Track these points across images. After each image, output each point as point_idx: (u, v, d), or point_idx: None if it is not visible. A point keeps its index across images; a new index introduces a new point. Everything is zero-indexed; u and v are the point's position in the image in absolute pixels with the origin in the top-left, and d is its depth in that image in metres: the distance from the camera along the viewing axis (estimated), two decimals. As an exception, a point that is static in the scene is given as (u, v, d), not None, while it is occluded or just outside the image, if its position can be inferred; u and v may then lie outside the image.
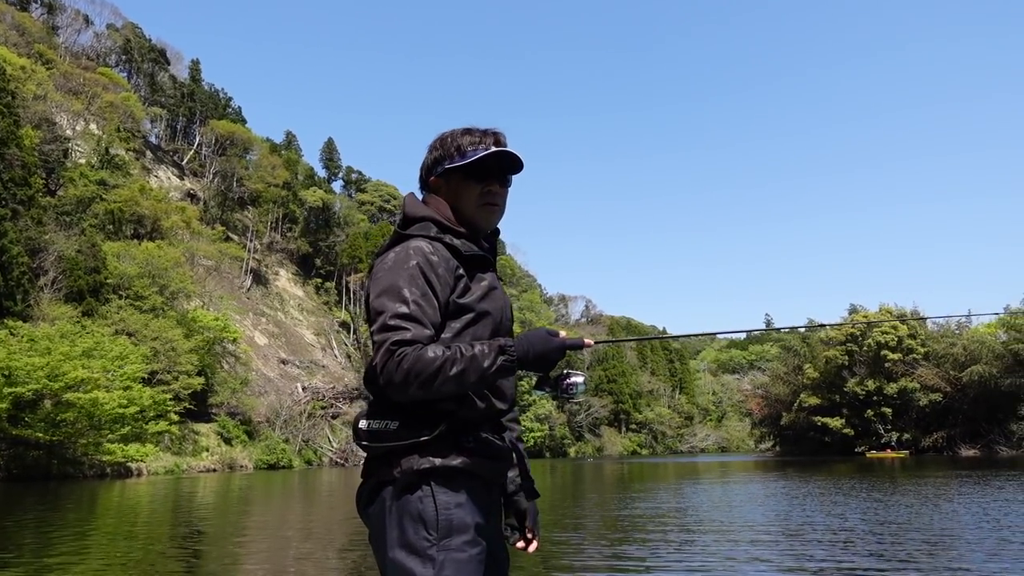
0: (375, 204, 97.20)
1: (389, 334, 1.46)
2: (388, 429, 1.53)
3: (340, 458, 47.87)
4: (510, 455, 1.67)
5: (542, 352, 1.49)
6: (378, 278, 1.58)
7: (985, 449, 38.04)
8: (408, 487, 1.50)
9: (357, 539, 8.65)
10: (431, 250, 1.58)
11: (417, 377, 1.41)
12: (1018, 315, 39.68)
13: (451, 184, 1.71)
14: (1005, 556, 6.27)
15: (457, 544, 1.46)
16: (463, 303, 1.59)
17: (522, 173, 1.78)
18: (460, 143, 1.70)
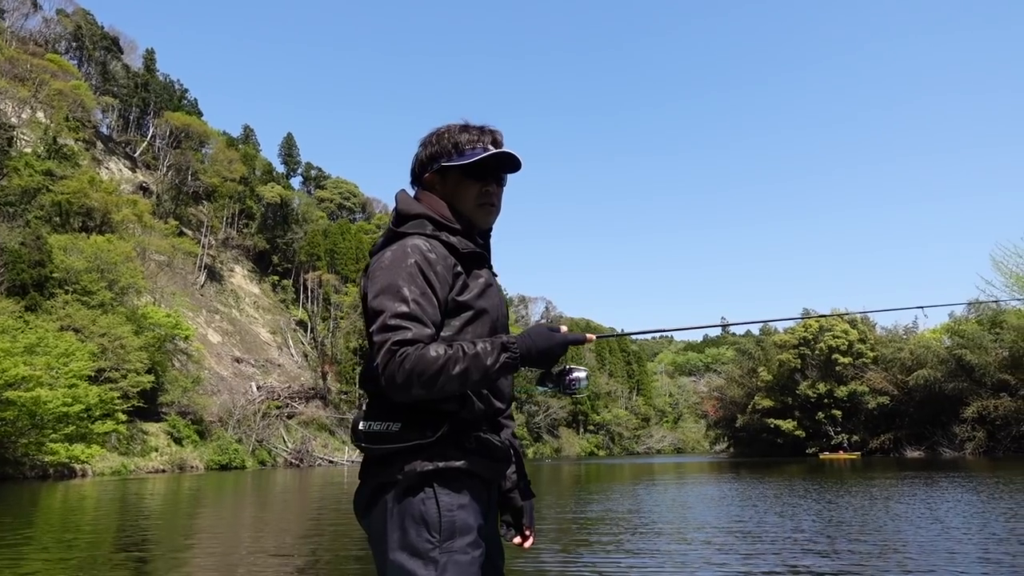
0: (334, 201, 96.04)
1: (390, 334, 1.44)
2: (390, 431, 1.50)
3: (295, 459, 47.07)
4: (509, 455, 1.66)
5: (544, 348, 1.48)
6: (376, 277, 1.55)
7: (929, 451, 39.22)
8: (410, 489, 1.49)
9: (312, 542, 8.45)
10: (429, 248, 1.56)
11: (420, 377, 1.40)
12: (961, 321, 41.04)
13: (448, 181, 1.69)
14: (959, 557, 6.41)
15: (460, 546, 1.45)
16: (462, 301, 1.58)
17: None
18: (458, 140, 1.68)
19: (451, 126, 1.73)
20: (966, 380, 37.96)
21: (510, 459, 1.67)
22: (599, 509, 11.94)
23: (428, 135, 1.75)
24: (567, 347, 1.51)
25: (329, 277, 68.68)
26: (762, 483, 18.26)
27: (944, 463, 28.14)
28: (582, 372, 1.61)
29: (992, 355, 37.36)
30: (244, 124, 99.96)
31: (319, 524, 10.79)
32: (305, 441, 49.05)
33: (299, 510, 13.86)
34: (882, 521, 9.23)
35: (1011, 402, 35.66)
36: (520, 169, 1.72)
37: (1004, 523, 8.60)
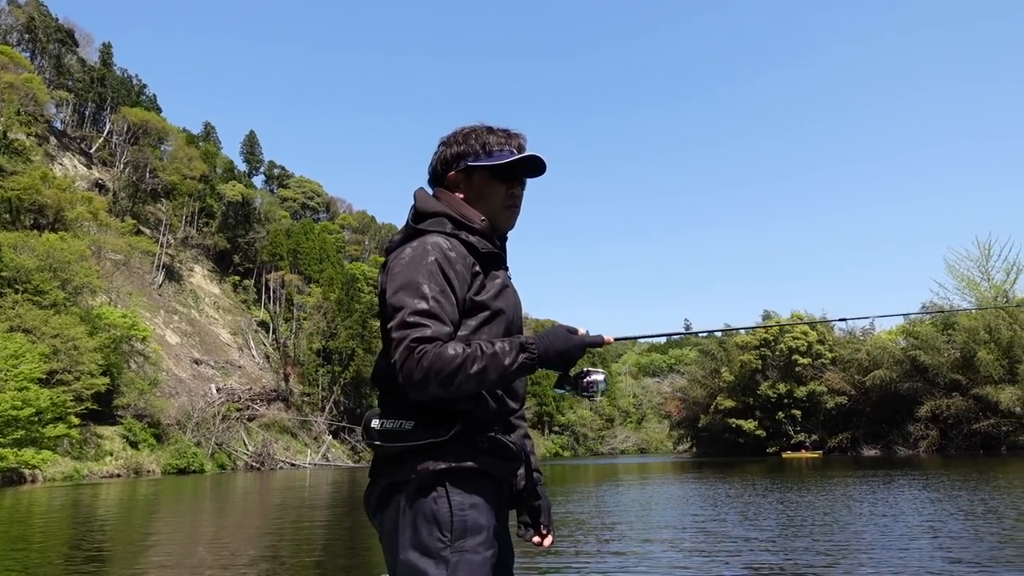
0: (298, 201, 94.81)
1: (409, 331, 1.44)
2: (403, 429, 1.50)
3: (256, 462, 46.26)
4: (521, 455, 1.66)
5: (562, 350, 1.48)
6: (395, 274, 1.54)
7: (885, 449, 40.17)
8: (423, 488, 1.48)
9: (273, 548, 8.26)
10: (449, 246, 1.56)
11: (437, 375, 1.39)
12: (916, 323, 42.18)
13: (473, 181, 1.69)
14: (915, 553, 6.52)
15: (471, 546, 1.45)
16: (479, 300, 1.58)
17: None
18: (486, 141, 1.69)
19: (477, 127, 1.73)
20: (920, 380, 38.97)
21: (522, 459, 1.67)
22: (560, 512, 11.93)
23: (452, 134, 1.74)
24: (585, 349, 1.51)
25: (292, 277, 67.72)
26: (725, 482, 18.46)
27: (899, 461, 28.84)
28: (600, 375, 1.59)
29: (945, 356, 38.43)
30: (205, 121, 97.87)
31: (281, 529, 10.57)
32: (266, 444, 48.24)
33: (260, 515, 13.58)
34: (844, 519, 9.37)
35: (962, 401, 36.72)
36: (544, 173, 1.73)
37: (962, 521, 8.79)
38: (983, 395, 35.54)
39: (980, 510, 9.71)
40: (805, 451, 43.00)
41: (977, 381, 36.37)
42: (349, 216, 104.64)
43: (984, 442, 35.95)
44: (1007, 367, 36.05)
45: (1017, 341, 36.15)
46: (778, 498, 12.88)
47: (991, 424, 35.46)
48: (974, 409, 36.29)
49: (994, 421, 35.39)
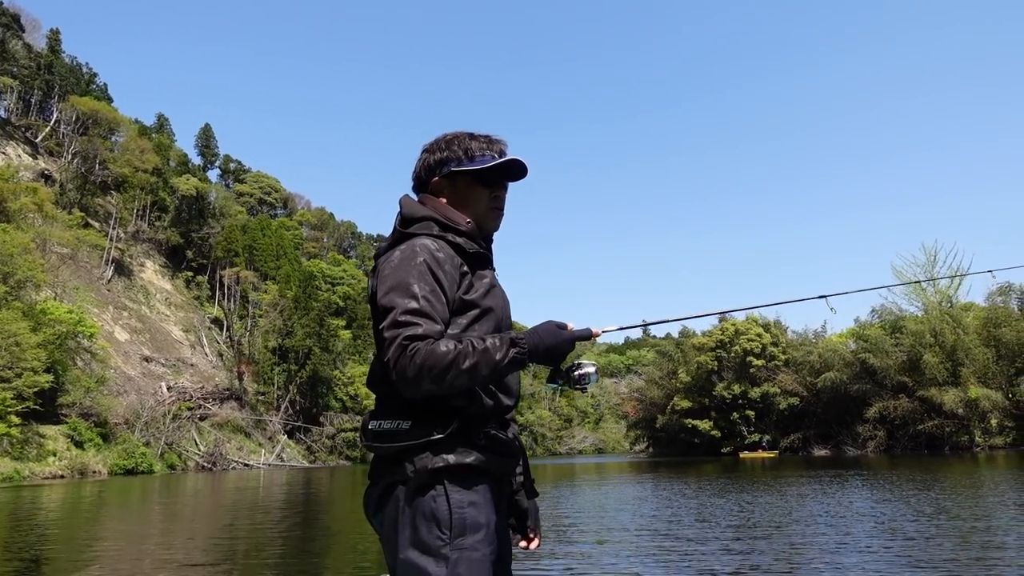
0: (255, 196, 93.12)
1: (401, 330, 1.46)
2: (400, 429, 1.53)
3: (207, 462, 45.20)
4: (518, 451, 1.68)
5: (552, 345, 1.51)
6: (385, 276, 1.58)
7: (835, 449, 41.18)
8: (422, 486, 1.50)
9: (225, 551, 8.01)
10: (437, 247, 1.60)
11: (430, 371, 1.42)
12: (866, 326, 43.34)
13: (457, 186, 1.74)
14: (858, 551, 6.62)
15: (471, 543, 1.46)
16: (468, 299, 1.61)
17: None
18: (469, 147, 1.73)
19: (459, 133, 1.77)
20: (869, 382, 40.06)
21: (519, 455, 1.69)
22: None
23: (435, 141, 1.78)
24: (574, 344, 1.54)
25: (247, 274, 66.43)
26: (683, 482, 18.64)
27: (849, 461, 29.55)
28: (591, 367, 1.62)
29: (893, 358, 39.56)
30: (158, 112, 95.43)
31: (233, 532, 10.29)
32: (218, 444, 47.19)
33: (211, 517, 13.21)
34: (801, 519, 9.51)
35: (908, 403, 37.86)
36: (526, 176, 1.77)
37: (917, 522, 8.99)
38: (928, 397, 36.68)
39: (930, 510, 9.97)
40: (762, 451, 43.79)
41: (922, 383, 37.53)
42: (307, 213, 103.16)
43: (928, 442, 37.12)
44: (951, 370, 37.28)
45: (960, 345, 37.39)
46: (736, 499, 13.04)
47: (935, 425, 36.63)
48: (919, 410, 37.44)
49: (938, 422, 36.56)
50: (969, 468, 20.60)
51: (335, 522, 12.08)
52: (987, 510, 9.70)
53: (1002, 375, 36.89)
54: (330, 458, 58.47)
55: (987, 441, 35.93)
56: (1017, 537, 7.12)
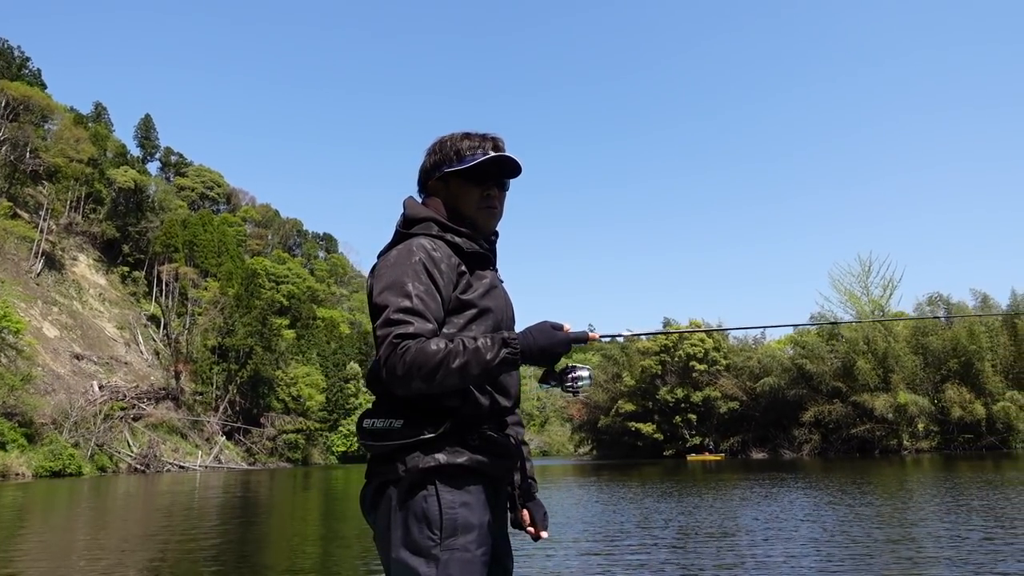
0: (196, 190, 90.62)
1: (392, 328, 1.47)
2: (392, 428, 1.53)
3: (140, 464, 43.63)
4: (516, 453, 1.67)
5: (545, 346, 1.50)
6: (381, 274, 1.59)
7: (772, 452, 42.36)
8: (413, 486, 1.50)
9: (156, 557, 7.71)
10: (433, 247, 1.61)
11: (420, 370, 1.42)
12: (803, 332, 44.75)
13: (450, 187, 1.75)
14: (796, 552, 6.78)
15: (462, 544, 1.46)
16: (465, 299, 1.61)
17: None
18: (459, 147, 1.74)
19: (454, 134, 1.78)
20: (805, 387, 41.37)
21: (517, 457, 1.68)
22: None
23: (433, 143, 1.80)
24: (570, 346, 1.53)
25: (187, 270, 64.51)
26: (625, 486, 18.84)
27: (785, 464, 30.39)
28: (585, 371, 1.62)
29: (828, 364, 40.95)
30: (95, 101, 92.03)
31: (167, 537, 9.93)
32: (152, 445, 45.60)
33: (143, 521, 12.73)
34: (745, 524, 9.70)
35: (842, 407, 39.25)
36: (520, 173, 1.76)
37: (857, 524, 9.25)
38: (860, 402, 38.11)
39: (870, 513, 10.28)
40: (708, 453, 44.69)
41: (856, 389, 38.96)
42: (252, 209, 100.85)
43: (860, 446, 38.54)
44: (882, 376, 38.81)
45: (891, 352, 38.95)
46: (692, 502, 13.23)
47: (867, 429, 38.07)
48: (852, 415, 38.86)
49: (869, 426, 38.01)
50: (899, 471, 21.41)
51: (274, 527, 11.79)
52: (923, 515, 10.07)
53: (929, 382, 38.57)
54: (270, 460, 57.20)
55: (914, 444, 37.50)
56: (951, 541, 7.40)
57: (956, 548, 6.67)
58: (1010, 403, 35.46)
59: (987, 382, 36.67)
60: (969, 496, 11.71)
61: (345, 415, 68.47)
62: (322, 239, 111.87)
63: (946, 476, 17.54)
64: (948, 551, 6.54)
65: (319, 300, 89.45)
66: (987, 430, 36.24)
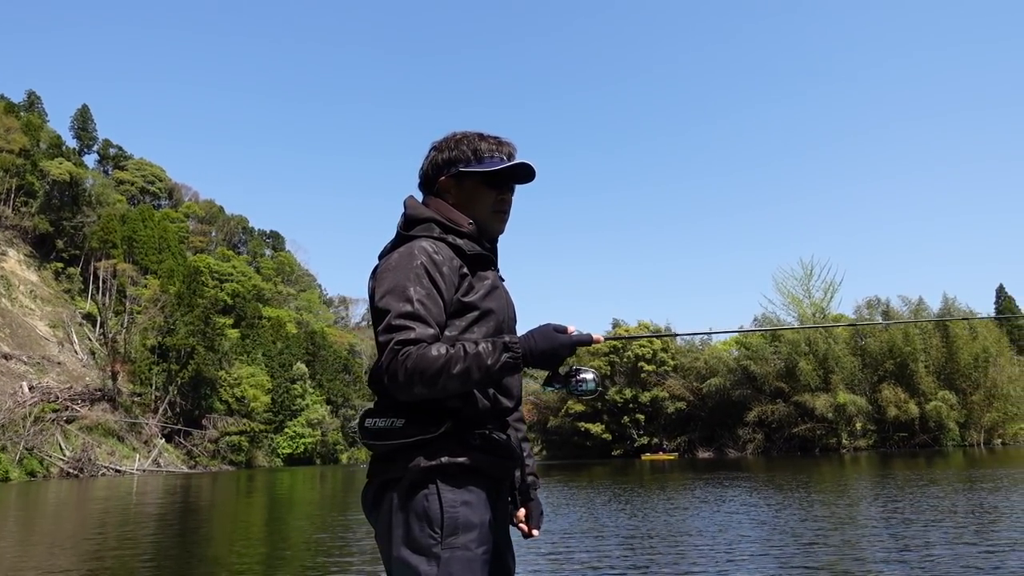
0: (136, 185, 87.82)
1: (394, 334, 1.47)
2: (394, 427, 1.54)
3: (74, 468, 41.86)
4: (517, 453, 1.69)
5: (547, 349, 1.49)
6: (382, 278, 1.59)
7: (717, 451, 43.19)
8: (414, 485, 1.51)
9: (90, 566, 7.32)
10: (434, 249, 1.60)
11: (421, 375, 1.43)
12: (748, 334, 45.76)
13: (464, 187, 1.73)
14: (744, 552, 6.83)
15: (462, 542, 1.47)
16: (467, 301, 1.61)
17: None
18: (477, 147, 1.73)
19: (468, 133, 1.77)
20: (750, 388, 42.33)
21: (518, 457, 1.69)
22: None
23: (444, 139, 1.77)
24: (574, 348, 1.51)
25: (126, 267, 62.38)
26: (573, 485, 18.88)
27: (730, 463, 30.99)
28: (589, 374, 1.61)
29: (771, 366, 41.98)
30: (28, 90, 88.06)
31: (102, 543, 9.46)
32: (87, 448, 43.81)
33: (75, 529, 12.14)
34: (696, 524, 9.76)
35: (784, 407, 40.29)
36: (534, 180, 1.77)
37: (811, 525, 9.40)
38: (802, 402, 39.18)
39: (822, 514, 10.49)
40: (663, 453, 45.35)
41: (797, 389, 40.05)
42: (195, 205, 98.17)
43: (801, 445, 39.61)
44: (822, 377, 39.98)
45: (832, 354, 40.15)
46: (626, 502, 13.29)
47: (808, 428, 39.16)
48: (794, 415, 39.92)
49: (810, 426, 39.10)
50: (839, 470, 22.03)
51: (215, 534, 11.39)
52: (862, 512, 10.32)
53: (867, 382, 39.90)
54: (212, 463, 55.67)
55: (852, 443, 38.72)
56: (889, 538, 7.58)
57: (894, 539, 6.83)
58: (941, 403, 36.92)
59: (920, 383, 38.10)
60: (902, 493, 12.09)
61: (291, 416, 67.17)
62: (269, 237, 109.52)
63: (883, 474, 18.11)
64: (887, 542, 6.69)
65: (265, 299, 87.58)
66: (920, 429, 37.65)
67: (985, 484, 13.24)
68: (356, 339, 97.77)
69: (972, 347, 38.33)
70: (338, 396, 76.39)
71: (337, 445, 73.25)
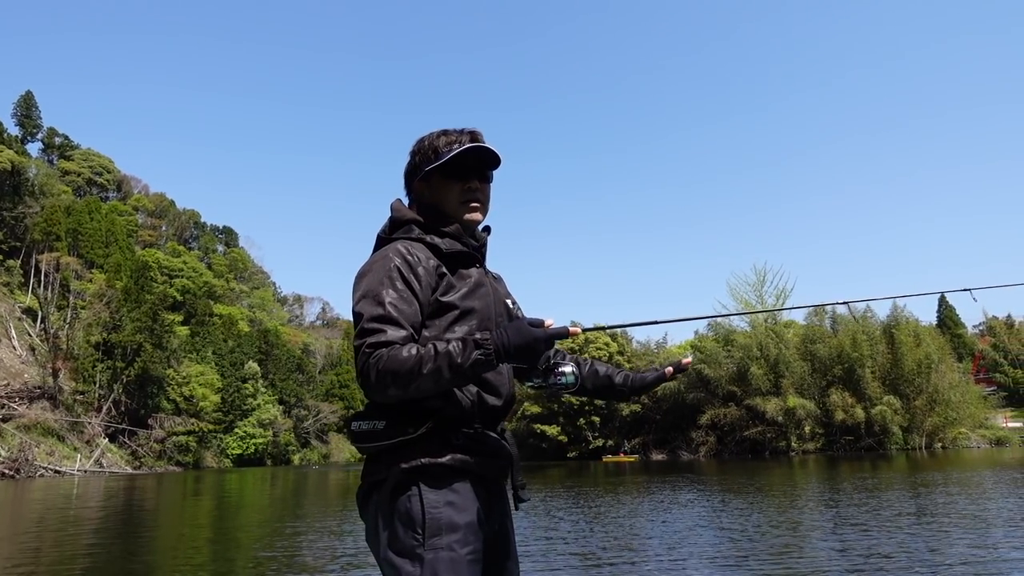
0: (83, 176, 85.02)
1: (366, 337, 1.48)
2: (375, 429, 1.55)
3: (10, 469, 40.16)
4: (507, 451, 1.67)
5: (520, 344, 1.46)
6: (358, 283, 1.59)
7: (671, 454, 43.74)
8: (397, 487, 1.52)
9: (25, 571, 6.95)
10: (407, 251, 1.60)
11: (393, 377, 1.43)
12: (702, 338, 46.51)
13: (432, 185, 1.74)
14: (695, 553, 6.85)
15: (445, 543, 1.46)
16: (446, 301, 1.61)
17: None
18: (436, 144, 1.73)
19: (432, 133, 1.77)
20: (703, 391, 42.98)
21: (508, 455, 1.67)
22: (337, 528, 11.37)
23: (412, 146, 1.78)
24: (551, 342, 1.49)
25: (70, 260, 60.24)
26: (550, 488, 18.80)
27: (683, 465, 31.36)
28: (568, 367, 1.62)
29: (724, 369, 42.69)
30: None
31: (38, 546, 9.03)
32: (24, 448, 42.11)
33: (8, 533, 11.58)
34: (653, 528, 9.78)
35: (736, 410, 41.01)
36: (499, 163, 1.73)
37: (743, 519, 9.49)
38: (753, 405, 39.93)
39: (781, 519, 10.62)
40: (624, 455, 45.71)
41: (749, 392, 40.79)
42: (144, 198, 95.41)
43: (752, 447, 40.35)
44: (773, 380, 40.80)
45: (782, 358, 41.02)
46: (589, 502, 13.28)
47: (759, 431, 39.92)
48: (746, 418, 40.67)
49: (761, 428, 39.87)
50: (787, 472, 22.44)
51: (160, 538, 10.99)
52: (807, 514, 10.48)
53: (816, 386, 40.85)
54: (158, 464, 54.12)
55: (801, 446, 39.59)
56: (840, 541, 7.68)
57: (839, 539, 6.93)
58: (887, 407, 38.01)
59: (867, 387, 39.16)
60: (847, 495, 12.36)
61: (242, 416, 65.71)
62: (221, 232, 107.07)
63: (830, 477, 18.53)
64: (832, 543, 6.79)
65: (216, 296, 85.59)
66: (866, 432, 38.69)
67: (926, 488, 13.62)
68: (311, 338, 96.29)
69: (916, 354, 39.55)
70: (291, 396, 75.04)
71: (289, 446, 71.95)
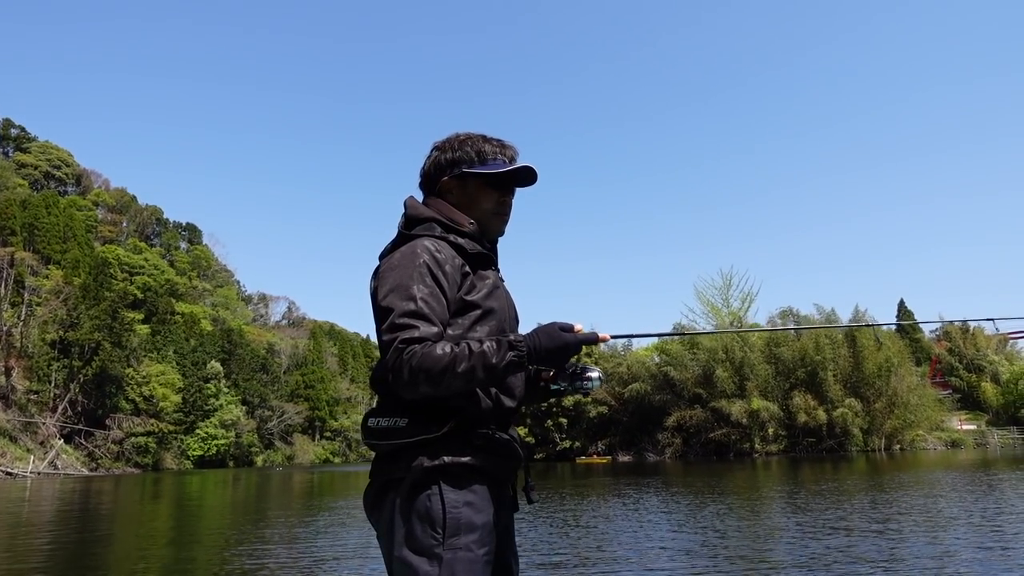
0: (40, 169, 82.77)
1: (398, 333, 1.48)
2: (397, 426, 1.55)
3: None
4: (519, 453, 1.68)
5: (552, 347, 1.49)
6: (385, 277, 1.59)
7: (637, 455, 44.01)
8: (416, 485, 1.51)
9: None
10: (437, 248, 1.61)
11: (427, 374, 1.43)
12: (668, 341, 46.96)
13: (467, 188, 1.75)
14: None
15: (464, 543, 1.46)
16: (470, 300, 1.62)
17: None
18: (481, 149, 1.75)
19: (472, 135, 1.78)
20: (669, 393, 43.36)
21: (520, 457, 1.69)
22: (324, 523, 11.19)
23: (448, 140, 1.79)
24: (580, 347, 1.52)
25: (25, 256, 58.46)
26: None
27: (649, 466, 31.54)
28: (594, 372, 1.63)
29: (690, 372, 43.13)
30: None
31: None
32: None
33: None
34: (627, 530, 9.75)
35: (702, 412, 41.46)
36: (535, 183, 1.78)
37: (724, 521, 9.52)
38: (718, 407, 40.39)
39: (767, 521, 10.65)
40: (596, 456, 45.98)
41: (714, 395, 41.27)
42: (105, 193, 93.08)
43: (717, 449, 40.80)
44: (738, 383, 41.33)
45: (747, 361, 41.56)
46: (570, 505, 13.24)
47: (723, 433, 40.38)
48: (711, 420, 41.11)
49: (726, 431, 40.34)
50: (751, 474, 22.69)
51: (116, 543, 10.64)
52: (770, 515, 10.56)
53: (779, 389, 41.47)
54: (116, 465, 52.82)
55: (764, 448, 40.15)
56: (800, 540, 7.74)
57: (800, 539, 6.98)
58: (848, 410, 38.76)
59: (829, 390, 39.88)
60: (808, 496, 12.52)
61: (203, 417, 64.49)
62: (184, 229, 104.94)
63: (792, 478, 18.77)
64: (792, 539, 6.83)
65: (179, 294, 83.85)
66: (827, 434, 39.40)
67: (883, 492, 13.85)
68: (275, 338, 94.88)
69: (876, 357, 40.40)
70: (255, 396, 73.87)
71: (252, 447, 70.81)
